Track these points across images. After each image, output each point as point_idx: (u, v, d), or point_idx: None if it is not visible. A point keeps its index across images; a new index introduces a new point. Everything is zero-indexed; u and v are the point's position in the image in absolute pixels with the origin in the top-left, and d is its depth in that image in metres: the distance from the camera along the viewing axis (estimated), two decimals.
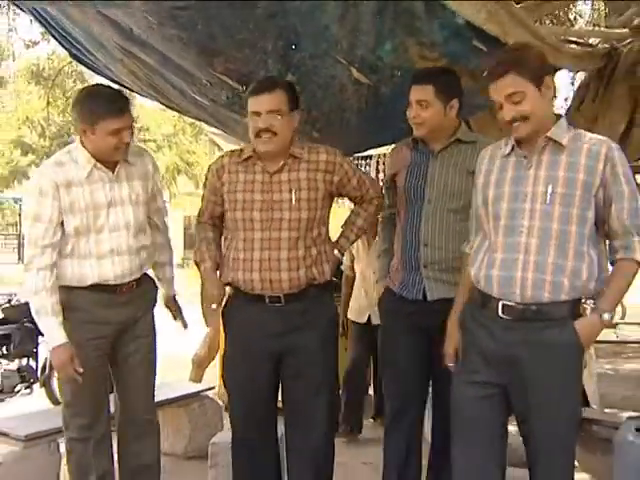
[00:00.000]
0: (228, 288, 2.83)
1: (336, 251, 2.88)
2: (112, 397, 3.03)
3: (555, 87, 2.29)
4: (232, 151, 2.90)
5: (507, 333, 2.24)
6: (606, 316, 2.22)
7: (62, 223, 2.73)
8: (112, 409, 3.03)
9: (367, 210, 2.92)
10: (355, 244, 4.19)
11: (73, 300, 2.79)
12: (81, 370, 2.70)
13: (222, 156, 2.89)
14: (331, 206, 2.87)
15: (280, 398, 2.86)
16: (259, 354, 2.73)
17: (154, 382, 3.03)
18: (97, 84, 3.07)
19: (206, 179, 2.88)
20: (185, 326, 3.15)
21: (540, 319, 2.22)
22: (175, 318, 3.17)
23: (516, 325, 2.23)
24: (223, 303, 2.81)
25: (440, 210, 2.74)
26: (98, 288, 2.78)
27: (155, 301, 3.04)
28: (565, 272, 2.20)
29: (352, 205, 3.01)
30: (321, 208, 2.75)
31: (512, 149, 2.32)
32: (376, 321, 3.84)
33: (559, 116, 2.32)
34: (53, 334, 2.73)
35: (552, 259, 2.21)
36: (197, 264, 2.84)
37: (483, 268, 2.31)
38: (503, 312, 2.25)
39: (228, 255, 2.76)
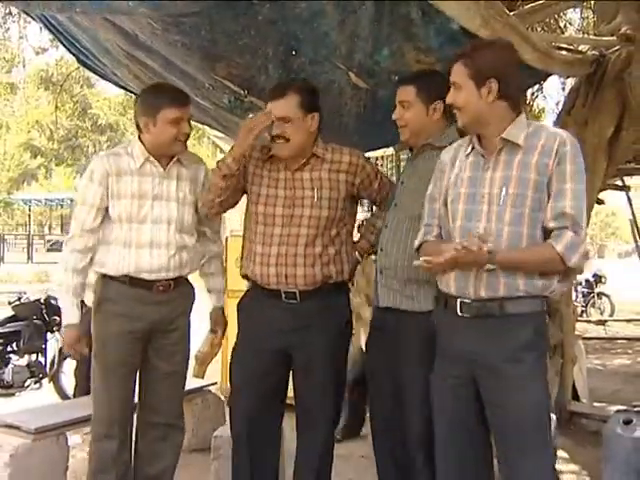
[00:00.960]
0: (245, 282, 2.86)
1: (356, 253, 2.89)
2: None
3: (508, 90, 2.19)
4: (263, 145, 2.83)
5: (467, 330, 2.21)
6: (491, 266, 2.11)
7: (106, 210, 2.81)
8: None
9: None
10: None
11: (109, 292, 2.83)
12: (87, 351, 2.82)
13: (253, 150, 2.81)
14: (354, 208, 2.87)
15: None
16: (269, 350, 2.72)
17: (184, 387, 3.04)
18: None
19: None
20: (217, 342, 3.18)
21: (495, 316, 2.17)
22: (213, 331, 3.17)
23: (474, 322, 2.19)
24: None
25: (402, 215, 2.63)
26: (135, 282, 2.80)
27: (191, 307, 3.02)
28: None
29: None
30: (342, 208, 2.75)
31: (472, 149, 2.28)
32: None
33: (519, 113, 2.24)
34: (67, 313, 2.87)
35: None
36: (219, 168, 2.67)
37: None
38: (461, 310, 2.21)
39: (247, 247, 2.79)
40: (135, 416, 2.99)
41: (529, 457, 2.15)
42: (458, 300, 2.22)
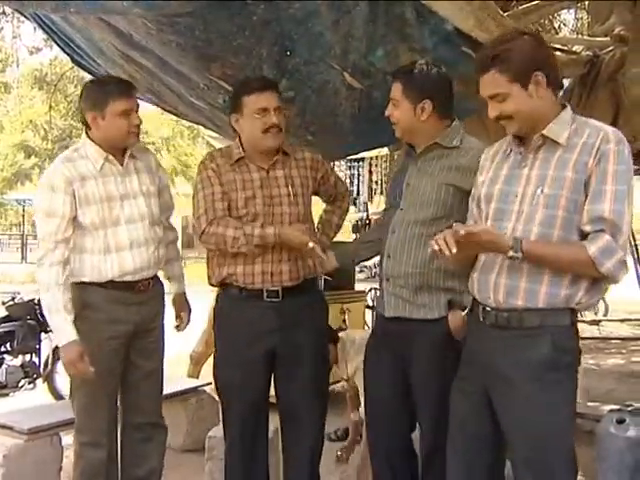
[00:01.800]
0: (217, 289, 2.84)
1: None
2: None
3: (552, 77, 2.03)
4: (219, 151, 2.88)
5: (487, 339, 2.11)
6: (515, 253, 1.95)
7: (75, 219, 2.71)
8: None
9: (341, 207, 3.03)
10: None
11: (89, 298, 2.75)
12: (92, 369, 2.63)
13: (213, 156, 2.82)
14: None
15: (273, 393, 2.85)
16: (254, 354, 2.71)
17: (162, 385, 3.01)
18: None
19: (203, 180, 2.73)
20: (183, 328, 3.09)
21: (513, 327, 2.04)
22: (178, 317, 3.11)
23: (494, 332, 2.08)
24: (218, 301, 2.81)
25: (409, 219, 2.51)
26: (116, 285, 2.75)
27: (164, 305, 3.00)
28: (542, 279, 2.00)
29: None
30: (309, 204, 2.83)
31: (512, 146, 2.13)
32: None
33: (564, 106, 2.08)
34: (63, 331, 2.67)
35: (528, 265, 2.00)
36: (260, 245, 2.64)
37: (472, 272, 2.18)
38: (484, 317, 2.12)
39: (221, 252, 2.74)
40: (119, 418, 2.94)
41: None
42: (480, 306, 2.13)
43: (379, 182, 8.96)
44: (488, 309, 2.10)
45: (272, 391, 2.87)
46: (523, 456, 2.06)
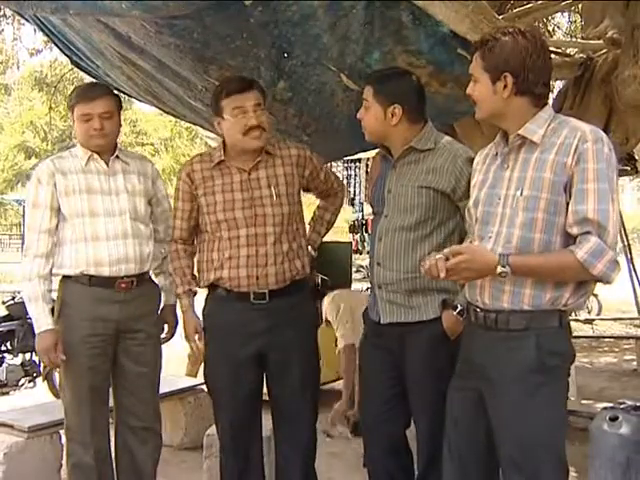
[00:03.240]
0: (205, 290, 2.85)
1: (309, 247, 2.91)
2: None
3: (525, 85, 2.01)
4: (200, 155, 2.89)
5: (478, 340, 2.12)
6: (504, 269, 1.92)
7: (58, 210, 2.80)
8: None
9: (334, 204, 3.01)
10: None
11: (69, 295, 2.80)
12: (64, 357, 2.71)
13: (190, 163, 2.85)
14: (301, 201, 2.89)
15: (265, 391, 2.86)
16: (243, 355, 2.72)
17: (158, 390, 3.01)
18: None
19: (177, 189, 2.82)
20: (164, 341, 3.06)
21: (500, 328, 2.04)
22: (167, 328, 3.08)
23: (484, 334, 2.10)
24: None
25: (394, 226, 2.52)
26: (95, 282, 2.77)
27: (158, 308, 3.01)
28: (526, 283, 1.99)
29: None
30: (297, 203, 2.80)
31: (499, 147, 2.14)
32: None
33: (543, 106, 2.07)
34: (40, 320, 2.75)
35: None
36: (178, 295, 2.85)
37: None
38: (475, 318, 2.14)
39: (209, 256, 2.75)
40: (113, 420, 2.96)
41: None
42: (471, 307, 2.16)
43: None
44: (478, 310, 2.12)
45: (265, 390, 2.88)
46: (510, 458, 2.06)
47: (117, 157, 2.91)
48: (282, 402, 2.82)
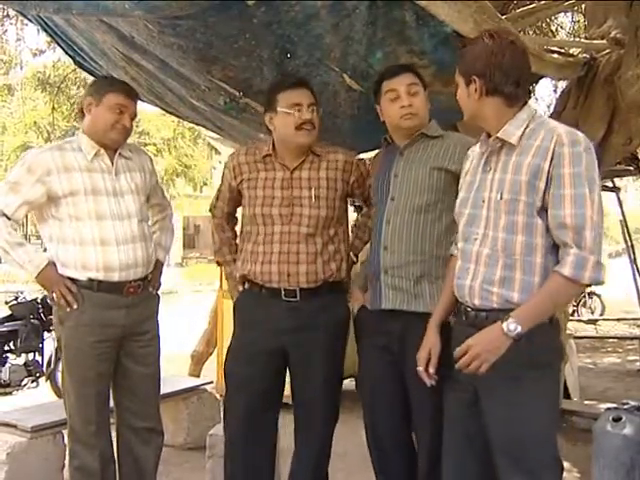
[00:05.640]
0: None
1: (352, 253, 2.91)
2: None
3: (494, 86, 2.06)
4: (247, 149, 2.91)
5: (467, 338, 2.07)
6: (510, 326, 1.94)
7: (43, 207, 2.73)
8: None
9: None
10: None
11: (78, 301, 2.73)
12: (75, 289, 2.68)
13: (237, 154, 2.90)
14: (346, 207, 2.89)
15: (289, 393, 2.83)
16: (266, 350, 2.71)
17: (159, 390, 3.00)
18: None
19: (223, 175, 2.93)
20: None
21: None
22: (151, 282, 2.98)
23: (472, 331, 2.08)
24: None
25: (402, 208, 2.53)
26: (102, 287, 2.73)
27: (158, 309, 2.99)
28: (514, 285, 2.02)
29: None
30: (338, 207, 2.79)
31: (484, 149, 2.18)
32: None
33: (522, 108, 2.09)
34: (36, 258, 2.71)
35: (500, 271, 2.03)
36: (221, 264, 2.97)
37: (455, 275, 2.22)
38: (465, 317, 2.16)
39: (246, 248, 2.79)
40: (114, 421, 2.95)
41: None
42: (462, 306, 2.17)
43: None
44: (468, 309, 2.15)
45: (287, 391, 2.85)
46: (506, 455, 2.07)
47: (121, 154, 2.87)
48: (303, 403, 2.80)
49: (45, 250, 2.88)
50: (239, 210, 3.03)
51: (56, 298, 2.74)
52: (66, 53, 4.04)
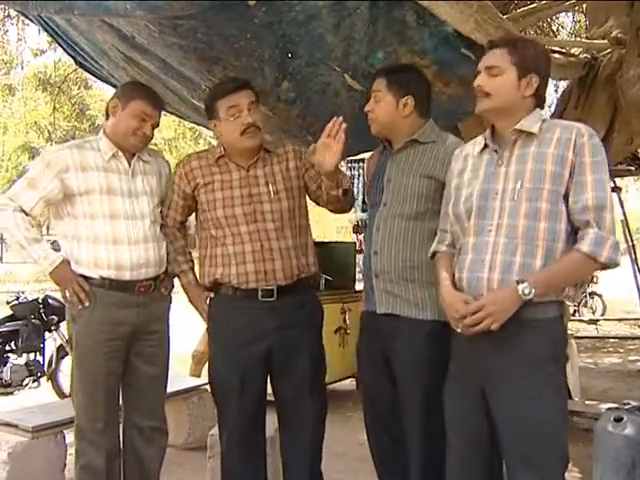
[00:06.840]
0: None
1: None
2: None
3: (538, 93, 2.19)
4: (198, 154, 2.90)
5: (481, 337, 2.07)
6: (525, 289, 1.99)
7: (58, 205, 2.74)
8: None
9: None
10: None
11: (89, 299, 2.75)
12: (87, 287, 2.69)
13: (188, 160, 2.86)
14: (306, 200, 2.86)
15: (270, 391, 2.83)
16: (252, 355, 2.69)
17: (166, 389, 3.00)
18: None
19: (173, 183, 2.86)
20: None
21: (509, 322, 2.03)
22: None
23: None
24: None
25: (392, 215, 2.54)
26: (114, 286, 2.73)
27: (169, 309, 2.97)
28: (534, 272, 2.04)
29: None
30: (298, 197, 2.79)
31: (485, 146, 2.22)
32: None
33: (537, 106, 2.20)
34: (50, 255, 2.73)
35: (519, 258, 2.05)
36: (177, 275, 2.89)
37: (456, 271, 2.20)
38: None
39: (213, 252, 2.75)
40: (120, 419, 2.94)
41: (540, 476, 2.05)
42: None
43: None
44: None
45: (270, 389, 2.86)
46: (518, 452, 2.07)
47: (139, 157, 2.87)
48: (288, 403, 2.80)
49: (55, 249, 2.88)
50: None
51: (69, 296, 2.75)
52: (67, 53, 4.05)
